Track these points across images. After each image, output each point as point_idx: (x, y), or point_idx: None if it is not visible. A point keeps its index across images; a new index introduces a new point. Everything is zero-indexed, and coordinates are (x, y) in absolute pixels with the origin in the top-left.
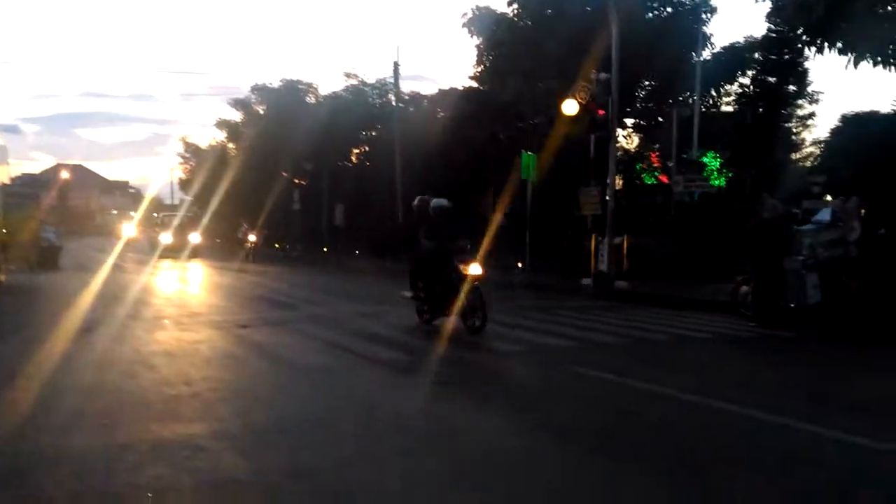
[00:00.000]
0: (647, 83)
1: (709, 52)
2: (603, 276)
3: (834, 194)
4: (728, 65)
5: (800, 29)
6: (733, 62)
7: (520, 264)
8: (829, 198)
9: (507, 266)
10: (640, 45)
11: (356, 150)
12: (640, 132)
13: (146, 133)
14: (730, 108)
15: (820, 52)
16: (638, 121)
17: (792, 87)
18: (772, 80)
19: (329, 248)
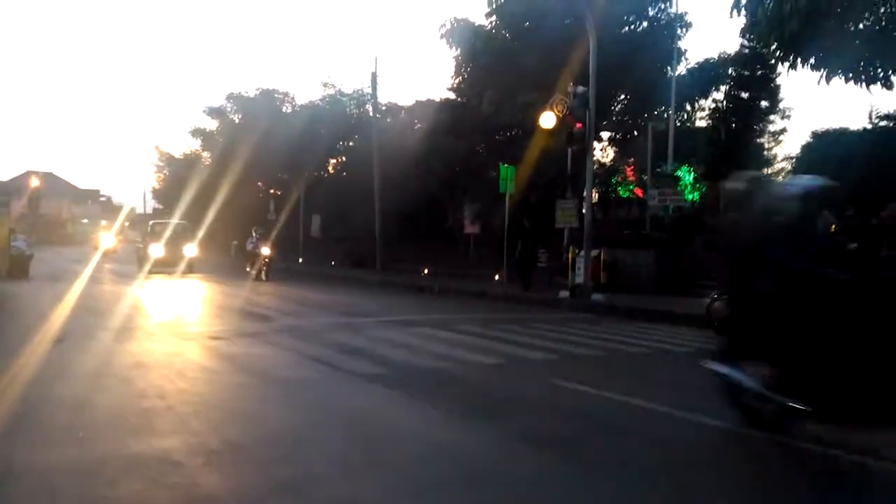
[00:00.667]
0: (622, 97)
1: (683, 66)
2: (580, 288)
3: None
4: (702, 80)
5: (773, 44)
6: (707, 77)
7: (497, 276)
8: None
9: (484, 277)
10: (615, 59)
11: (333, 161)
12: (615, 145)
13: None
14: (703, 123)
15: (793, 67)
16: (613, 134)
17: (764, 103)
18: (744, 95)
19: (304, 260)
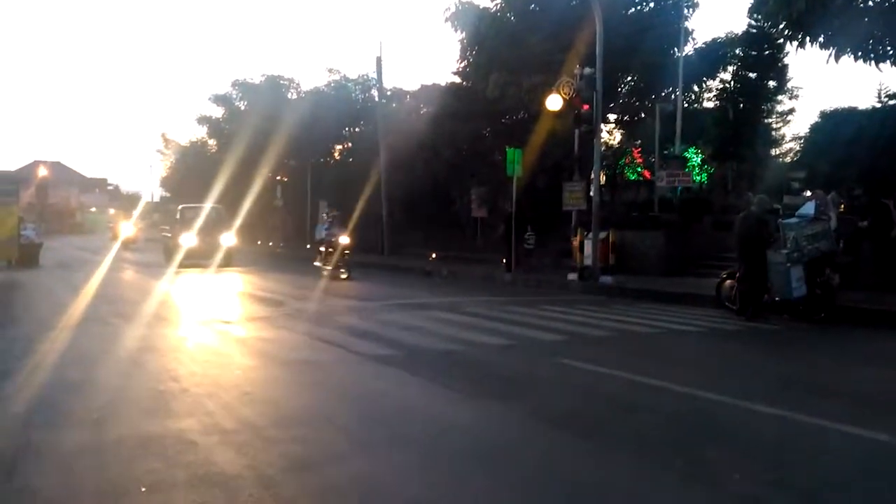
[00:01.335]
0: (629, 78)
1: (691, 47)
2: (589, 271)
3: (813, 190)
4: (709, 60)
5: (781, 23)
6: (714, 58)
7: (504, 260)
8: (808, 193)
9: (491, 261)
10: (622, 41)
11: (339, 146)
12: (622, 127)
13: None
14: (711, 104)
15: (801, 46)
16: (620, 116)
17: (772, 83)
18: (752, 75)
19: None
